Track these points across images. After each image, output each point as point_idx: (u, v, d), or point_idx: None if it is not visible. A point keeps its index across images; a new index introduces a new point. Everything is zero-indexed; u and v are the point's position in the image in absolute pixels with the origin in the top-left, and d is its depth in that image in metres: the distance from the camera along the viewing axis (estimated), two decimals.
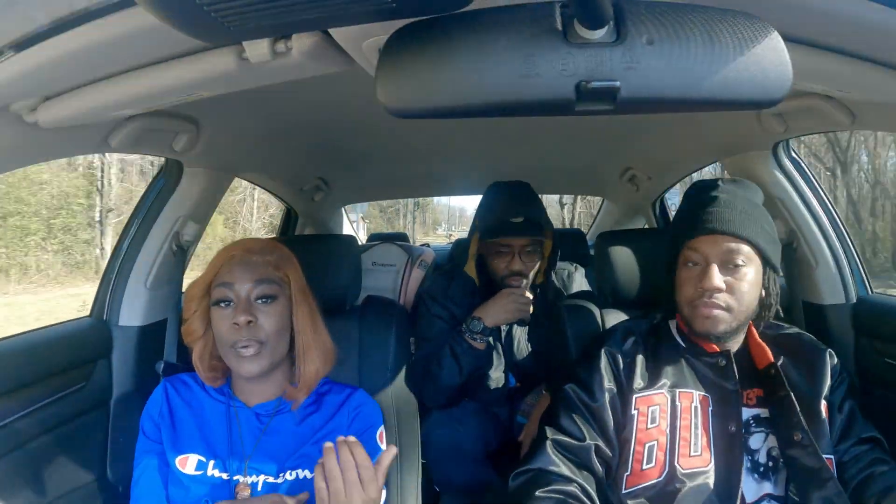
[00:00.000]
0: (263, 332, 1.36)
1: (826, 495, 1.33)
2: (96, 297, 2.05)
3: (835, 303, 2.07)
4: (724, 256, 1.43)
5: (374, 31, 0.95)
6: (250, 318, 1.34)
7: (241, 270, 1.38)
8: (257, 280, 1.38)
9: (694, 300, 1.44)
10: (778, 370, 1.45)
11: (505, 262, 2.26)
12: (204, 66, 1.07)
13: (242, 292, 1.37)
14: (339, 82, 1.28)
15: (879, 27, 0.92)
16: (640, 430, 1.44)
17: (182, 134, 1.78)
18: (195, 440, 1.41)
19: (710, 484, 1.38)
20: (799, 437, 1.37)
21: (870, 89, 1.18)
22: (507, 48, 0.63)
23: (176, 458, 1.39)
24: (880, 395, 1.86)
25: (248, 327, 1.34)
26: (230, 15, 0.60)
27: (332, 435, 1.40)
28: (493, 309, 2.20)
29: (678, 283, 1.49)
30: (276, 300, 1.40)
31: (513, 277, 2.25)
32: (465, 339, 2.19)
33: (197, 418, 1.45)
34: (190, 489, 1.37)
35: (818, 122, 1.68)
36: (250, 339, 1.34)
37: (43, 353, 1.72)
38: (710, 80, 0.64)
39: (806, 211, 2.08)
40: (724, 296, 1.41)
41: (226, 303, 1.37)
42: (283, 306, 1.42)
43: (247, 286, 1.37)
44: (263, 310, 1.37)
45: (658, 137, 2.57)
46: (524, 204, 2.26)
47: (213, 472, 1.38)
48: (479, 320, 2.19)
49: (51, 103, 1.19)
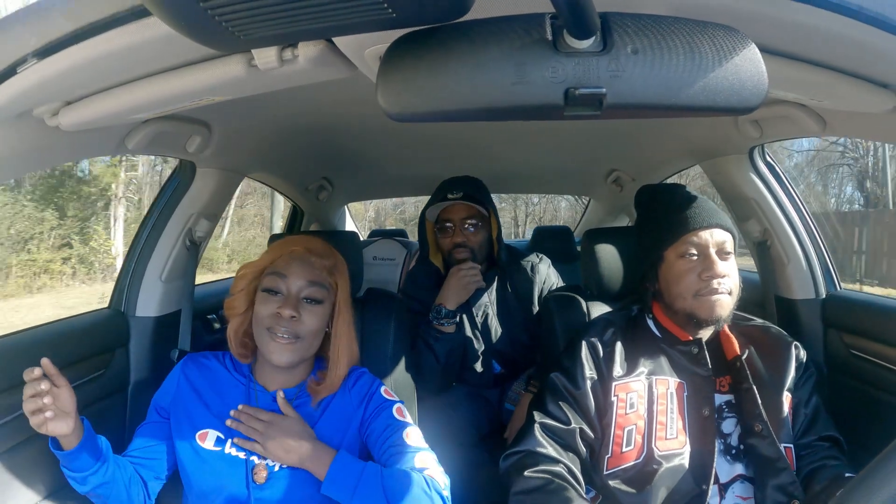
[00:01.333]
0: (303, 328, 1.37)
1: (781, 483, 1.35)
2: (114, 290, 2.05)
3: (805, 298, 2.08)
4: (719, 246, 1.46)
5: (376, 39, 0.95)
6: (294, 314, 1.35)
7: (298, 266, 1.39)
8: (310, 281, 1.39)
9: (700, 290, 1.44)
10: (742, 364, 1.46)
11: (448, 237, 2.32)
12: (215, 72, 1.07)
13: (294, 288, 1.38)
14: (343, 88, 1.28)
15: (849, 40, 0.92)
16: (620, 415, 1.45)
17: (195, 136, 1.77)
18: (214, 416, 1.41)
19: (686, 465, 1.40)
20: (759, 428, 1.39)
21: (839, 98, 1.18)
22: (501, 56, 0.63)
23: (196, 433, 1.39)
24: (846, 384, 1.88)
25: (290, 320, 1.35)
26: (240, 25, 0.60)
27: (344, 415, 1.44)
28: (449, 291, 2.24)
29: (673, 276, 1.48)
30: (322, 304, 1.41)
31: (458, 249, 2.30)
32: (433, 327, 2.22)
33: (217, 395, 1.44)
34: (208, 462, 1.37)
35: (791, 129, 1.69)
36: (288, 330, 1.35)
37: (65, 342, 1.72)
38: (691, 88, 0.64)
39: (779, 211, 2.08)
40: (727, 280, 1.44)
41: (275, 292, 1.38)
42: (327, 310, 1.43)
43: (299, 283, 1.38)
44: (309, 309, 1.39)
45: (641, 141, 2.57)
46: (463, 184, 2.33)
47: (231, 450, 1.37)
48: (441, 306, 2.22)
49: (71, 108, 1.18)
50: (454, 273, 2.25)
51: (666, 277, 1.50)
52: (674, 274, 1.48)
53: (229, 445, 1.37)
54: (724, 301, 1.44)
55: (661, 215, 1.55)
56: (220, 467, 1.35)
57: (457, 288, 2.24)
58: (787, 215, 2.08)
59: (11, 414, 1.48)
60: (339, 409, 1.45)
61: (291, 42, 0.99)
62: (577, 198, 12.06)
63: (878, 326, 1.79)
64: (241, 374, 1.47)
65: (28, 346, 1.60)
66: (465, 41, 0.64)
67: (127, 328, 1.97)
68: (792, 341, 1.55)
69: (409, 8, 0.60)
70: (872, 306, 1.88)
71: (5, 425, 1.46)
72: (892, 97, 1.14)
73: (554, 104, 0.63)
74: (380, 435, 1.41)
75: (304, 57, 1.01)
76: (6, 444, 1.47)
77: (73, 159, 1.41)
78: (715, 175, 2.24)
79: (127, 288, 2.02)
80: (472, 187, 2.34)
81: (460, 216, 2.30)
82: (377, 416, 1.44)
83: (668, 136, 2.34)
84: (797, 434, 1.46)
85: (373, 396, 1.47)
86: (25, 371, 1.18)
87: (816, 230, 2.11)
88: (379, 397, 1.48)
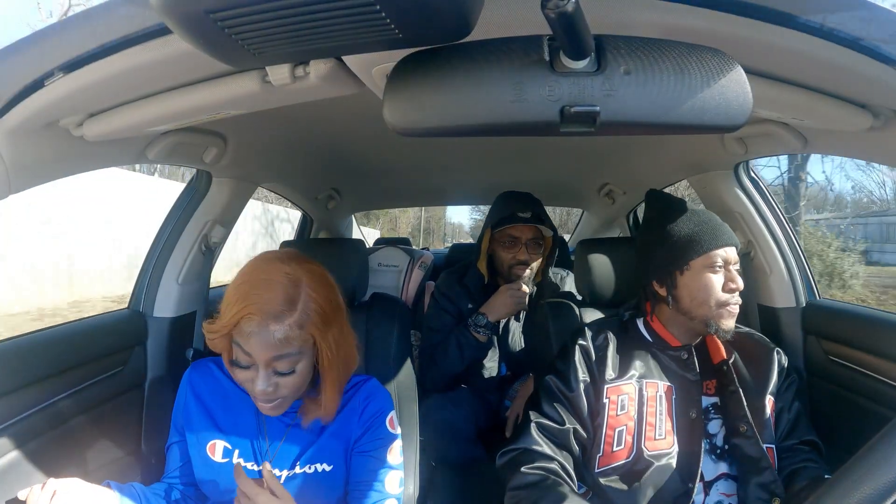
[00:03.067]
0: (283, 391, 1.20)
1: (763, 481, 1.36)
2: (133, 291, 2.05)
3: (786, 306, 2.07)
4: (735, 263, 1.48)
5: (383, 58, 0.95)
6: (270, 389, 1.18)
7: (256, 344, 1.14)
8: (276, 356, 1.16)
9: (728, 301, 1.45)
10: (730, 367, 1.47)
11: (512, 252, 2.31)
12: (231, 87, 1.08)
13: (262, 363, 1.16)
14: (351, 103, 1.28)
15: (828, 62, 0.92)
16: (611, 416, 1.45)
17: (211, 147, 1.78)
18: (221, 427, 1.34)
19: (673, 464, 1.40)
20: (744, 429, 1.40)
21: (820, 118, 1.18)
22: (500, 76, 0.63)
23: (206, 444, 1.33)
24: (825, 388, 1.87)
25: (266, 393, 1.19)
26: (255, 43, 0.60)
27: (345, 424, 1.36)
28: (495, 304, 2.24)
29: (700, 285, 1.46)
30: (296, 368, 1.20)
31: (518, 266, 2.30)
32: (470, 333, 2.22)
33: (223, 407, 1.36)
34: (219, 474, 1.32)
35: (775, 146, 1.69)
36: (268, 398, 1.21)
37: (85, 340, 1.72)
38: (680, 107, 0.64)
39: (762, 224, 2.08)
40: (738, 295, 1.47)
41: (245, 366, 1.19)
42: (307, 361, 1.22)
43: (265, 358, 1.15)
44: (284, 377, 1.19)
45: (633, 157, 2.58)
46: (531, 204, 2.32)
47: (239, 460, 1.31)
48: (484, 315, 2.23)
49: (95, 119, 1.19)
50: (505, 290, 2.26)
51: (689, 285, 1.48)
52: (700, 283, 1.46)
53: (237, 455, 1.32)
54: (737, 309, 1.46)
55: (693, 226, 1.52)
56: (230, 477, 1.25)
57: (505, 304, 2.25)
58: (769, 228, 2.08)
59: (33, 407, 1.48)
60: (339, 431, 1.36)
61: (303, 60, 1.00)
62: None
63: (855, 334, 1.79)
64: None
65: (51, 343, 1.60)
66: (467, 61, 0.64)
67: (145, 328, 1.97)
68: (774, 347, 1.55)
69: (415, 29, 0.60)
70: (850, 315, 1.88)
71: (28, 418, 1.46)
72: (869, 117, 1.14)
73: (550, 121, 0.63)
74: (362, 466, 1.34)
75: (315, 74, 1.01)
76: (29, 437, 1.46)
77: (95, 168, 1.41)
78: (702, 189, 2.25)
79: (145, 289, 2.02)
80: (540, 207, 2.34)
81: (528, 236, 2.31)
82: (371, 443, 1.36)
83: (658, 152, 2.34)
84: (780, 437, 1.46)
85: (375, 425, 1.36)
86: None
87: (797, 242, 2.11)
88: (382, 430, 1.37)
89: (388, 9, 0.55)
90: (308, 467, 1.32)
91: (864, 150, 1.36)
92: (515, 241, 2.31)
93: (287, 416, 1.35)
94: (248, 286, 1.17)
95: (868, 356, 1.70)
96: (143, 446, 1.90)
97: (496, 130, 0.66)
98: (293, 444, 1.34)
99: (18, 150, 1.15)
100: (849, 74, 0.97)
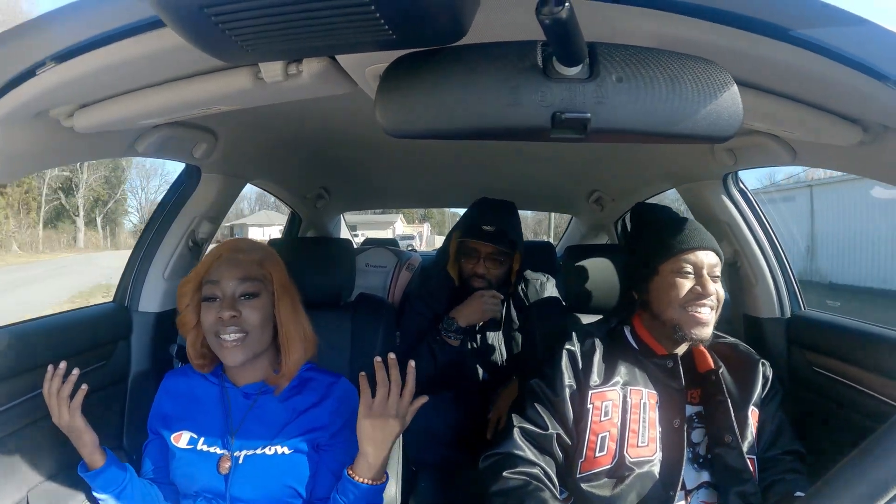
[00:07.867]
0: (247, 324, 1.35)
1: (743, 490, 1.37)
2: (119, 285, 2.04)
3: (771, 317, 2.08)
4: (710, 269, 1.47)
5: (376, 59, 0.95)
6: (234, 314, 1.33)
7: (226, 268, 1.37)
8: (241, 278, 1.36)
9: (689, 302, 1.44)
10: (719, 377, 1.47)
11: (471, 263, 2.28)
12: (224, 83, 1.07)
13: (228, 289, 1.35)
14: (343, 103, 1.28)
15: (819, 77, 0.93)
16: (595, 422, 1.45)
17: (201, 143, 1.77)
18: (188, 420, 1.43)
19: (656, 472, 1.40)
20: (729, 439, 1.40)
21: (809, 131, 1.19)
22: (493, 80, 0.63)
23: (171, 435, 1.42)
24: (808, 399, 1.88)
25: (231, 320, 1.33)
26: (248, 38, 0.60)
27: (314, 417, 1.41)
28: (466, 310, 2.21)
29: (665, 287, 1.47)
30: (258, 296, 1.38)
31: (475, 279, 2.27)
32: (441, 337, 2.19)
33: (192, 402, 1.46)
34: (182, 460, 1.40)
35: (764, 158, 1.70)
36: (233, 329, 1.33)
37: (70, 333, 1.70)
38: (671, 116, 0.65)
39: (749, 235, 2.09)
40: (712, 299, 1.44)
41: (213, 299, 1.36)
42: (266, 301, 1.40)
43: (231, 283, 1.36)
44: (247, 304, 1.36)
45: (622, 165, 2.59)
46: (500, 218, 2.28)
47: (203, 447, 1.39)
48: (454, 320, 2.19)
49: (85, 111, 1.18)
50: (477, 297, 2.21)
51: (657, 289, 1.49)
52: (665, 285, 1.47)
53: (202, 443, 1.40)
54: (709, 320, 1.44)
55: (661, 230, 1.54)
56: (192, 461, 1.38)
57: (475, 312, 2.21)
58: (756, 239, 2.09)
59: (20, 397, 1.47)
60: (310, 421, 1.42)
61: (296, 57, 1.00)
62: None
63: (840, 345, 1.80)
64: (215, 376, 1.47)
65: (36, 334, 1.59)
66: (460, 64, 0.64)
67: (130, 322, 1.96)
68: (759, 359, 1.55)
69: (409, 30, 0.60)
70: (834, 327, 1.89)
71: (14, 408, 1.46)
72: (859, 131, 1.15)
73: (541, 126, 0.64)
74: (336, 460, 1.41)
75: (308, 72, 1.01)
76: (13, 426, 1.46)
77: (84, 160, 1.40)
78: (691, 198, 2.25)
79: (131, 284, 2.01)
80: (507, 223, 2.28)
81: (487, 251, 2.26)
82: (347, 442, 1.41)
83: (648, 160, 2.35)
84: (762, 448, 1.46)
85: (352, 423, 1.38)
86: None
87: (784, 253, 2.12)
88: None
89: (382, 9, 0.55)
90: (272, 449, 1.37)
91: (854, 164, 1.37)
92: (476, 253, 2.28)
93: (248, 398, 1.44)
94: (218, 248, 1.44)
95: (852, 368, 1.71)
96: (125, 441, 1.89)
97: (487, 134, 0.66)
98: (255, 429, 1.40)
99: (7, 140, 1.15)
100: (841, 89, 0.97)
